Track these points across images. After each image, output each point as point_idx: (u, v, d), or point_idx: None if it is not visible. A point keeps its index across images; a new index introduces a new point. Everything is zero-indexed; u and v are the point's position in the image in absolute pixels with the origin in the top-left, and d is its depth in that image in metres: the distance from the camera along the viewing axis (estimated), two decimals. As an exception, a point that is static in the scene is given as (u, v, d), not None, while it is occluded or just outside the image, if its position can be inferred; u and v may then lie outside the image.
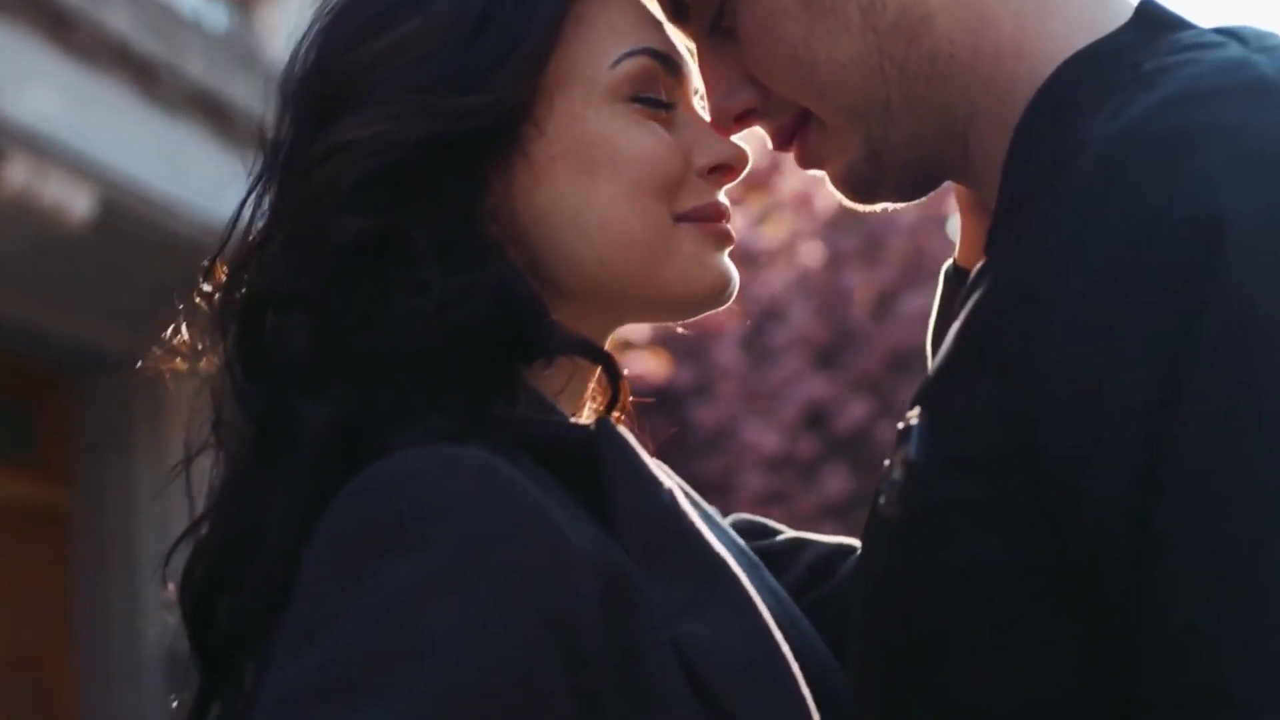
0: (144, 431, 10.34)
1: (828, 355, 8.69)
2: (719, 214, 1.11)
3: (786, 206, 9.05)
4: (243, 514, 1.04)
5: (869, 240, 8.99)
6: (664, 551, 0.99)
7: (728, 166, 1.11)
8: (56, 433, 10.33)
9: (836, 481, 8.33)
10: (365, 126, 1.04)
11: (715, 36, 1.09)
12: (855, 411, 8.47)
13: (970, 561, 0.91)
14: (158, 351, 1.14)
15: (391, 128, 1.04)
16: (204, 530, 1.07)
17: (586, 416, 1.13)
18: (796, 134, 1.09)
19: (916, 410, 0.97)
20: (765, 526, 1.32)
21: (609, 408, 1.08)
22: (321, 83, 1.08)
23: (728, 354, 8.49)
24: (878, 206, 1.11)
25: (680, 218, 1.09)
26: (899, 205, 1.13)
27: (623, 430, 1.04)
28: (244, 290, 1.07)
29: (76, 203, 8.25)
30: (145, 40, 8.32)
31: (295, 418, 1.01)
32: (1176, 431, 0.84)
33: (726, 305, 1.14)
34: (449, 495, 0.92)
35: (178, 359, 1.13)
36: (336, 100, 1.06)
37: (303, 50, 1.10)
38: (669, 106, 1.10)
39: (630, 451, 1.02)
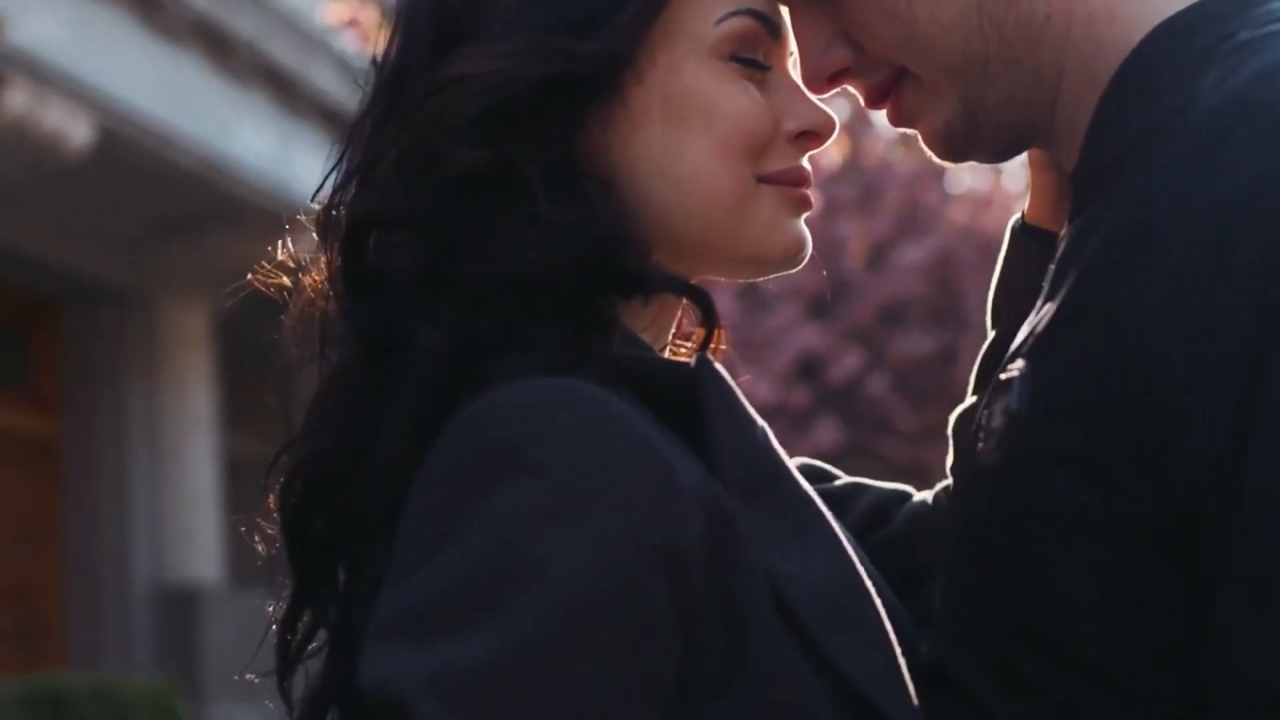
0: (137, 362, 10.33)
1: (821, 305, 8.71)
2: (801, 179, 1.13)
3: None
4: (346, 431, 1.06)
5: (865, 191, 8.99)
6: (758, 488, 1.02)
7: (815, 133, 1.13)
8: (50, 362, 10.31)
9: (828, 432, 8.37)
10: (483, 61, 1.06)
11: None
12: (847, 363, 8.50)
13: (1069, 507, 0.94)
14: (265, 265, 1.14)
15: (508, 64, 1.05)
16: (304, 445, 1.08)
17: (667, 355, 1.16)
18: (890, 92, 1.11)
19: (1019, 363, 1.00)
20: (824, 470, 1.34)
21: (703, 346, 1.11)
22: (440, 11, 1.09)
23: (722, 302, 8.46)
24: (965, 165, 1.15)
25: (764, 179, 1.11)
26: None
27: (720, 368, 1.07)
28: (348, 208, 1.09)
29: (76, 130, 8.21)
30: (150, -31, 8.28)
31: (406, 337, 1.03)
32: (1274, 384, 0.87)
33: (798, 268, 1.17)
34: (563, 425, 0.95)
35: (284, 277, 1.14)
36: (453, 31, 1.08)
37: None
38: (765, 68, 1.11)
39: (728, 389, 1.06)
